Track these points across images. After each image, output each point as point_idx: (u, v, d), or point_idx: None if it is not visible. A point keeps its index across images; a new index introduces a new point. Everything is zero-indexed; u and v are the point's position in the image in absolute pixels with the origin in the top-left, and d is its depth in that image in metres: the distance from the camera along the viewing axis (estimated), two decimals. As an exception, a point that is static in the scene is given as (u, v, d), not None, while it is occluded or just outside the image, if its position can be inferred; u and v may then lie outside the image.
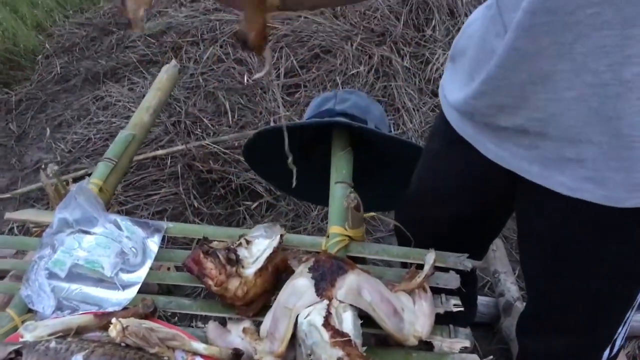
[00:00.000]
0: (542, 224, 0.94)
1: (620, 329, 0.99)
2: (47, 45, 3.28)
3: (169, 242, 1.62)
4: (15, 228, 2.06)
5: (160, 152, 2.24)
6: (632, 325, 1.64)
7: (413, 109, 2.49)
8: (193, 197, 2.08)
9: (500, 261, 1.78)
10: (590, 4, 0.66)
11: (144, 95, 2.57)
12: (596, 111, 0.73)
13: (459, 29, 2.85)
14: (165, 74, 1.47)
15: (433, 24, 2.89)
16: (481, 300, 1.67)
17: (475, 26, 0.91)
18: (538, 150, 0.82)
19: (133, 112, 2.51)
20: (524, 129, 0.82)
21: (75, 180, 1.91)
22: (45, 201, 2.24)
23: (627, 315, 0.97)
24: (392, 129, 2.40)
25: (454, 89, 0.96)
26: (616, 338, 1.00)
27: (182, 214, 2.05)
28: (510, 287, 1.68)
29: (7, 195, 2.30)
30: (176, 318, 1.49)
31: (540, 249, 0.98)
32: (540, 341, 1.08)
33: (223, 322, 0.95)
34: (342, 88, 2.52)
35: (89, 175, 1.22)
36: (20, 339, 0.84)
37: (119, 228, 1.02)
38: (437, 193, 1.11)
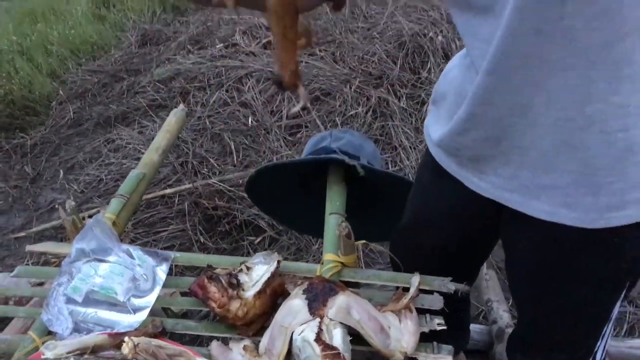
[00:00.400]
0: (524, 248, 1.03)
1: (599, 342, 1.06)
2: (60, 91, 3.44)
3: (177, 274, 1.71)
4: (30, 264, 2.16)
5: (168, 191, 2.35)
6: (622, 351, 1.72)
7: (410, 147, 2.60)
8: (199, 232, 2.18)
9: (493, 290, 1.85)
10: (556, 51, 0.75)
11: (153, 138, 2.71)
12: (565, 142, 0.83)
13: (452, 70, 2.98)
14: (174, 117, 1.59)
15: (428, 66, 3.03)
16: (475, 327, 1.74)
17: (454, 73, 1.02)
18: (518, 179, 0.91)
19: (143, 153, 2.64)
20: (507, 158, 0.91)
21: (90, 217, 2.02)
22: (58, 239, 2.34)
23: (604, 329, 1.05)
24: (390, 166, 2.51)
25: (438, 129, 1.06)
26: (596, 351, 1.08)
27: (189, 249, 2.14)
28: (503, 314, 1.75)
29: (23, 234, 2.41)
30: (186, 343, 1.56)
31: (523, 271, 1.07)
32: (528, 358, 1.17)
33: (226, 343, 1.03)
34: (337, 129, 2.64)
35: (90, 217, 1.32)
36: (42, 357, 0.93)
37: (131, 257, 1.12)
38: (427, 222, 1.20)
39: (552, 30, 0.73)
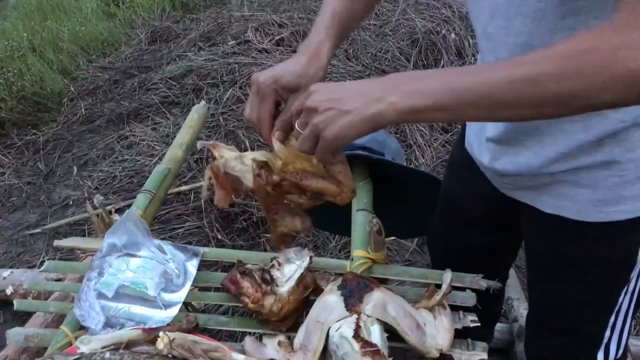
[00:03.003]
0: (533, 238, 1.10)
1: (607, 332, 1.07)
2: (72, 88, 3.44)
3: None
4: (45, 260, 2.15)
5: (184, 187, 2.35)
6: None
7: (425, 144, 2.59)
8: (216, 230, 2.18)
9: (514, 289, 1.85)
10: None
11: (167, 134, 2.71)
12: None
13: (466, 68, 2.98)
14: (196, 113, 1.58)
15: (442, 64, 3.02)
16: (496, 326, 1.73)
17: None
18: (526, 180, 0.98)
19: (157, 149, 2.64)
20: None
21: (117, 211, 2.02)
22: (73, 235, 2.34)
23: (611, 320, 1.06)
24: (406, 163, 2.50)
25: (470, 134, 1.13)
26: (608, 342, 1.09)
27: (206, 246, 2.12)
28: (524, 312, 1.74)
29: (37, 230, 2.41)
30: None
31: (533, 259, 1.13)
32: (538, 341, 1.21)
33: (257, 338, 1.03)
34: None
35: (117, 210, 1.32)
36: (78, 351, 0.93)
37: (163, 252, 1.11)
38: (459, 221, 1.26)
39: None
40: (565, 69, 0.63)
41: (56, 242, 1.22)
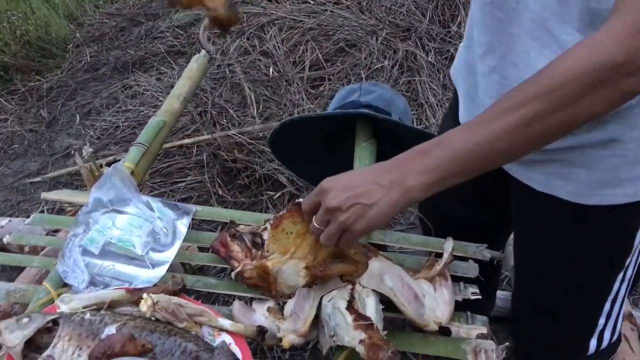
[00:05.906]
0: (522, 216, 1.03)
1: (601, 320, 1.02)
2: (77, 34, 3.34)
3: (194, 227, 1.67)
4: (45, 211, 2.12)
5: (186, 140, 2.29)
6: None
7: (436, 104, 2.50)
8: (218, 185, 2.13)
9: (520, 257, 1.79)
10: None
11: (171, 85, 2.63)
12: None
13: (484, 25, 2.85)
14: (196, 63, 1.51)
15: (458, 20, 2.89)
16: (499, 294, 1.68)
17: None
18: None
19: (161, 101, 2.57)
20: None
21: (108, 164, 1.97)
22: (74, 185, 2.30)
23: (606, 307, 1.01)
24: (415, 124, 2.42)
25: None
26: (602, 330, 1.03)
27: (206, 202, 2.09)
28: (529, 282, 1.69)
29: (38, 179, 2.37)
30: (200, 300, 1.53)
31: (521, 239, 1.08)
32: (524, 324, 1.15)
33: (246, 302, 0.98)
34: (367, 82, 2.54)
35: (118, 160, 1.26)
36: (57, 310, 0.89)
37: (151, 209, 1.06)
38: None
39: None
40: (557, 101, 0.64)
41: (43, 195, 1.17)
